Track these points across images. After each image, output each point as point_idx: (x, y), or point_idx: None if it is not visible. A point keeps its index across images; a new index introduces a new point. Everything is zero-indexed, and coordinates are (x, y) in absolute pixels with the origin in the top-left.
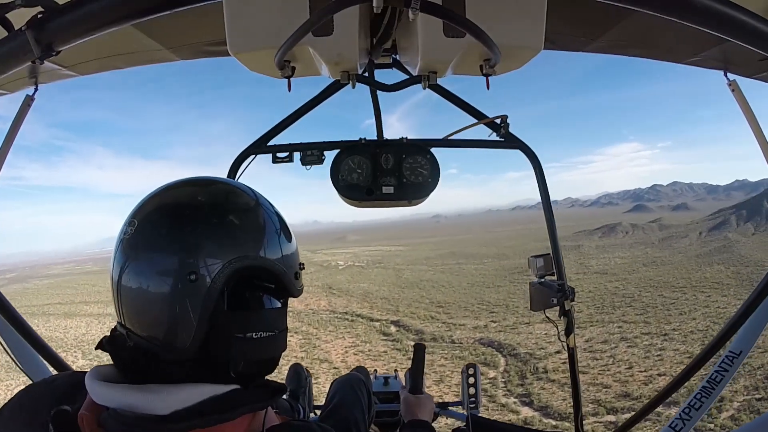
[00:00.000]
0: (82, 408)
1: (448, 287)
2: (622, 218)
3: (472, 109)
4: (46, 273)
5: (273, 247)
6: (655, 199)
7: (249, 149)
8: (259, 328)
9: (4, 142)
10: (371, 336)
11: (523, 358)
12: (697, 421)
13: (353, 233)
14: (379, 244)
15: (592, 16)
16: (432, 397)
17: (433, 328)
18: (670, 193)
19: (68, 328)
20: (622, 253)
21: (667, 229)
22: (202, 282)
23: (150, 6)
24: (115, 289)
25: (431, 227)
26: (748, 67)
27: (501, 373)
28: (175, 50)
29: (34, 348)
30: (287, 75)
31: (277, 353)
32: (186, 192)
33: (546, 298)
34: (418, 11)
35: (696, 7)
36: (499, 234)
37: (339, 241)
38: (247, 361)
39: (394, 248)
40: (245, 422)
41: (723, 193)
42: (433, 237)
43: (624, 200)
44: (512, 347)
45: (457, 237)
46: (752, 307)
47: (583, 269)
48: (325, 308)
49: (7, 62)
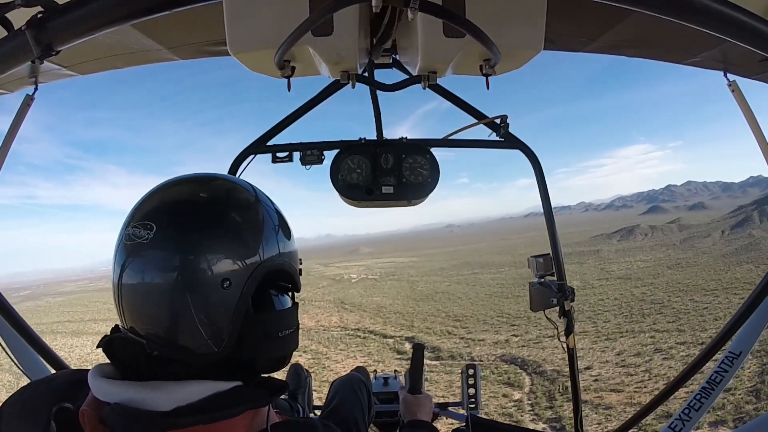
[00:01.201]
0: (84, 404)
1: (465, 299)
2: (639, 220)
3: (472, 109)
4: (60, 290)
5: (288, 248)
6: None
7: (249, 149)
8: (283, 326)
9: (4, 142)
10: (384, 354)
11: (549, 376)
12: (697, 421)
13: (366, 245)
14: (392, 255)
15: (592, 16)
16: (431, 397)
17: (451, 345)
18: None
19: (74, 347)
20: (643, 256)
21: (687, 229)
22: (235, 288)
23: (150, 6)
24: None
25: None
26: (748, 68)
27: (527, 395)
28: (175, 50)
29: (34, 348)
30: (287, 75)
31: (294, 349)
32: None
33: (546, 298)
34: (417, 11)
35: (696, 7)
36: (514, 241)
37: (352, 254)
38: (271, 359)
39: (408, 259)
40: (247, 419)
41: (739, 189)
42: (447, 247)
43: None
44: (537, 364)
45: (472, 246)
46: (752, 307)
47: (605, 275)
48: (337, 324)
49: (7, 62)
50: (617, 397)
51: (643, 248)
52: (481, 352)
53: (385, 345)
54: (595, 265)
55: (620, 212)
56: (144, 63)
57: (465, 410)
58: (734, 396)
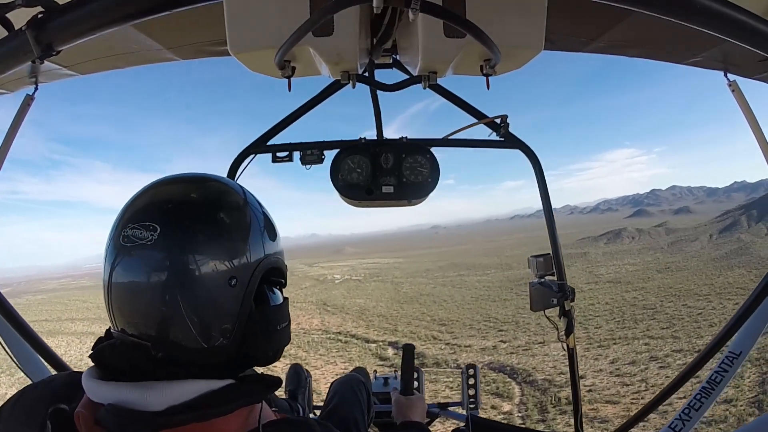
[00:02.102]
0: (79, 406)
1: (451, 302)
2: (625, 223)
3: (472, 109)
4: (41, 288)
5: (280, 244)
6: (655, 204)
7: (249, 149)
8: (281, 320)
9: (4, 142)
10: (366, 360)
11: (541, 386)
12: (696, 421)
13: (351, 245)
14: (377, 256)
15: (592, 16)
16: (423, 398)
17: (436, 351)
18: (670, 197)
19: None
20: (631, 259)
21: (674, 233)
22: (240, 286)
23: (150, 6)
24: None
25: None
26: (748, 68)
27: (517, 406)
28: (175, 50)
29: (34, 348)
30: (287, 75)
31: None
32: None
33: (546, 298)
34: (418, 11)
35: (696, 7)
36: (500, 243)
37: (337, 254)
38: (269, 353)
39: (393, 260)
40: (242, 416)
41: (723, 194)
42: (433, 248)
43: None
44: (527, 372)
45: (458, 247)
46: (752, 307)
47: (593, 278)
48: (318, 327)
49: (7, 62)
50: (613, 409)
51: (630, 251)
52: (468, 359)
53: (367, 350)
54: (582, 268)
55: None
56: (144, 63)
57: (465, 410)
58: (736, 408)
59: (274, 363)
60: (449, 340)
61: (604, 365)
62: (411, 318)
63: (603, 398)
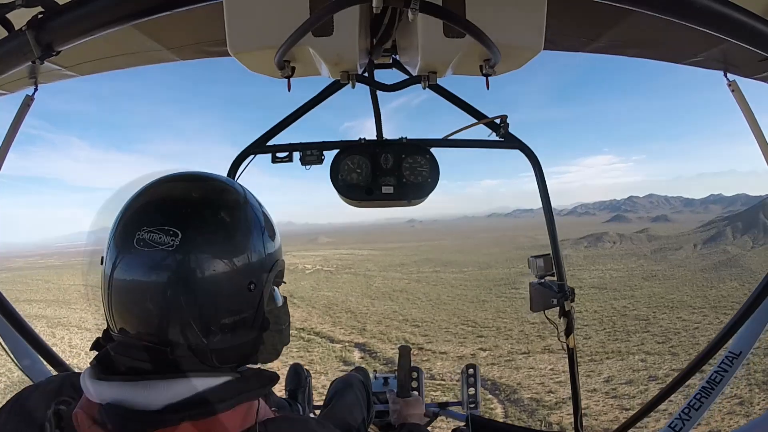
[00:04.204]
0: (77, 406)
1: (425, 300)
2: (605, 228)
3: (472, 109)
4: (7, 266)
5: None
6: (632, 210)
7: (249, 149)
8: (285, 320)
9: (4, 142)
10: (328, 364)
11: (527, 406)
12: (696, 421)
13: (326, 235)
14: (351, 247)
15: (592, 16)
16: (420, 399)
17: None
18: (647, 205)
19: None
20: (614, 264)
21: (656, 240)
22: (258, 289)
23: (150, 6)
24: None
25: (406, 232)
26: (748, 68)
27: None
28: (175, 50)
29: (34, 348)
30: (287, 75)
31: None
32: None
33: (546, 298)
34: (417, 11)
35: (696, 7)
36: (477, 240)
37: (311, 243)
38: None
39: (367, 252)
40: (241, 413)
41: (700, 206)
42: (408, 242)
43: (601, 210)
44: (511, 389)
45: (434, 242)
46: (752, 307)
47: (577, 282)
48: None
49: (7, 62)
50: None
51: (612, 256)
52: (443, 369)
53: (331, 351)
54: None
55: (583, 219)
56: (144, 63)
57: (465, 410)
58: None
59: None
60: (422, 344)
61: (598, 384)
62: (381, 316)
63: (600, 425)
